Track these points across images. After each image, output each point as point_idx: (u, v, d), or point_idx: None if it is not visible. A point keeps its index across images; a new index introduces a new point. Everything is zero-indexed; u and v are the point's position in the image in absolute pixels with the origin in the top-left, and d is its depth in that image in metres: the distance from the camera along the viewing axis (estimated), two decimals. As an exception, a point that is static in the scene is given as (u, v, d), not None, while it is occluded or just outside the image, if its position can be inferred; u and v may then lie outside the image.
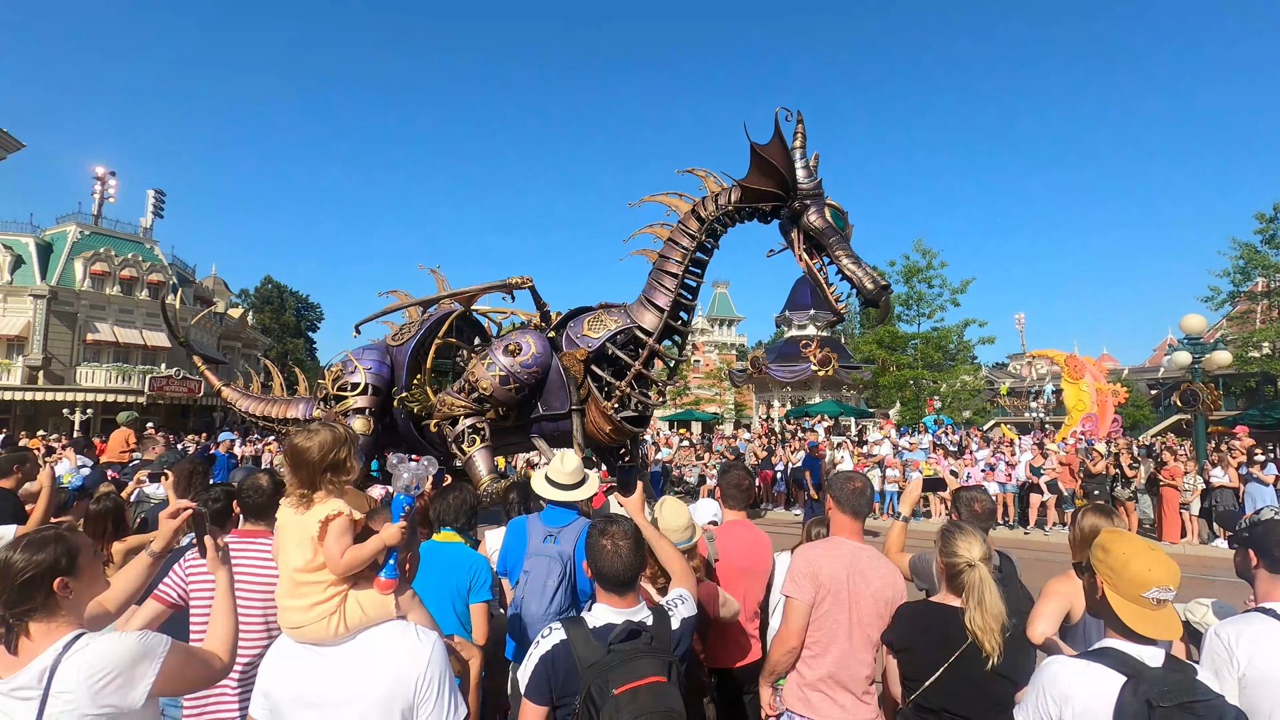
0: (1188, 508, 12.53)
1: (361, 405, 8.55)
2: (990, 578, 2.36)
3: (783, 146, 6.70)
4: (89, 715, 1.56)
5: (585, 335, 7.79)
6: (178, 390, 32.80)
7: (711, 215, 7.57)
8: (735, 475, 3.74)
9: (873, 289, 6.63)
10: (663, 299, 7.69)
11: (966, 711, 2.36)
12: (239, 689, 2.63)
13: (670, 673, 1.96)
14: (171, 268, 36.42)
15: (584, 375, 7.65)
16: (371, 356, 8.83)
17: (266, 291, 58.41)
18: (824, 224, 6.84)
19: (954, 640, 2.36)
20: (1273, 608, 2.22)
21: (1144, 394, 40.82)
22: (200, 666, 1.84)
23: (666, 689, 1.91)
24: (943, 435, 19.02)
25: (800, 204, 6.92)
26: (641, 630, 2.05)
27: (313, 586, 1.84)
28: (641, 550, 2.18)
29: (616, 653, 1.96)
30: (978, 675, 2.31)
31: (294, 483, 1.91)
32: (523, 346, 7.58)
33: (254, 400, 11.30)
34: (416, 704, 1.80)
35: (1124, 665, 1.86)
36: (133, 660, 1.62)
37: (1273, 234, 23.49)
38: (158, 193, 38.86)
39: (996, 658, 2.27)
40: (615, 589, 2.15)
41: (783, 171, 6.76)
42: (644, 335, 7.67)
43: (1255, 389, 30.49)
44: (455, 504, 3.49)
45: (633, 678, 1.90)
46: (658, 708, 1.85)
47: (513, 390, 7.53)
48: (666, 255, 7.75)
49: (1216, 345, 17.27)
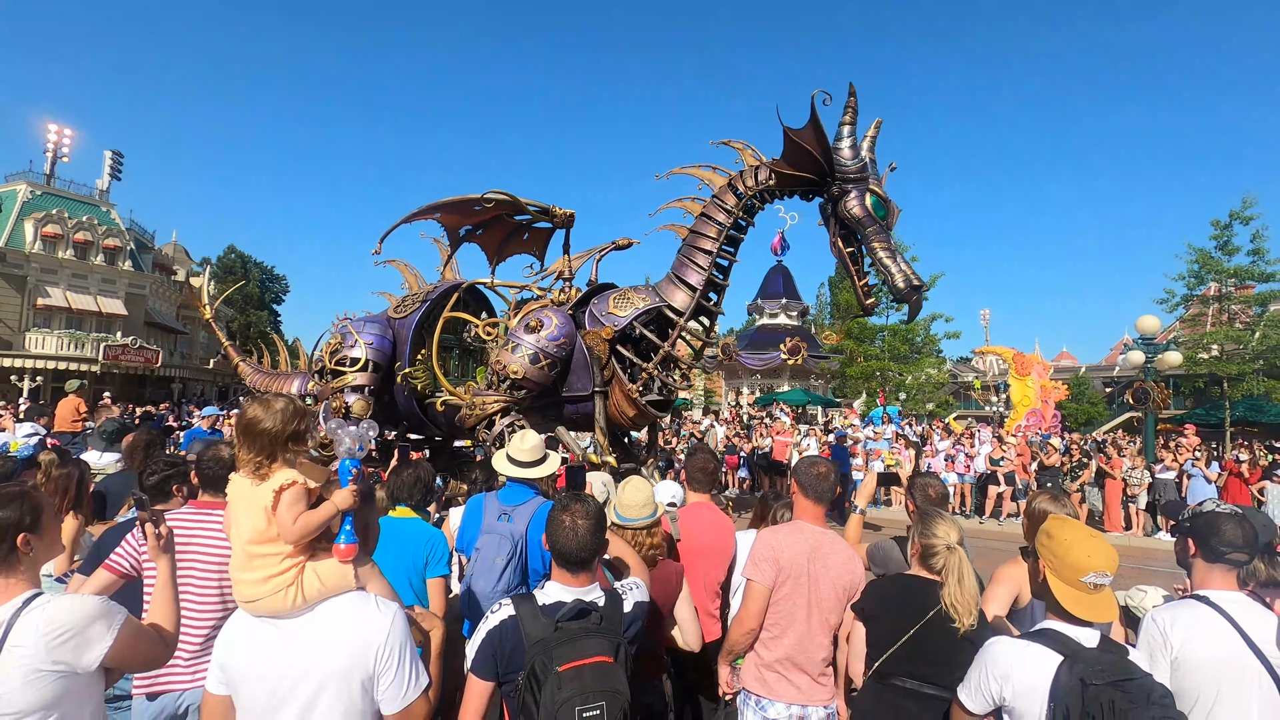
0: (1135, 501, 13.06)
1: (361, 383, 7.97)
2: (968, 561, 2.47)
3: (817, 131, 6.22)
4: (42, 670, 1.60)
5: (611, 313, 7.32)
6: (134, 359, 31.76)
7: (750, 191, 7.06)
8: (700, 459, 3.81)
9: (904, 287, 6.27)
10: (695, 277, 7.20)
11: (926, 675, 2.45)
12: (191, 661, 2.58)
13: (617, 654, 1.95)
14: (129, 233, 35.15)
15: (608, 355, 7.21)
16: (372, 330, 8.25)
17: (229, 261, 56.71)
18: (862, 212, 6.36)
19: (926, 607, 2.46)
20: (1207, 595, 2.32)
21: (1099, 391, 42.15)
22: (151, 643, 1.87)
23: (611, 669, 1.90)
24: (906, 426, 19.43)
25: (840, 188, 6.45)
26: (591, 610, 2.04)
27: (267, 559, 1.81)
28: (601, 533, 2.17)
29: (564, 631, 1.96)
30: (947, 641, 2.41)
31: (248, 454, 1.87)
32: (544, 321, 7.09)
33: (260, 375, 10.76)
34: (377, 674, 1.78)
35: (1061, 645, 1.95)
36: (90, 621, 1.66)
37: (1226, 240, 24.30)
38: (115, 154, 37.33)
39: (969, 630, 2.37)
40: (568, 566, 2.13)
41: (818, 157, 6.34)
42: (674, 315, 7.24)
43: (1203, 389, 31.66)
44: (409, 480, 3.48)
45: (577, 656, 1.89)
46: (600, 687, 1.85)
47: (545, 367, 7.05)
48: (700, 231, 7.24)
49: (1168, 346, 17.90)
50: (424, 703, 1.86)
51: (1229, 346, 25.01)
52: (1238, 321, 25.74)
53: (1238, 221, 23.92)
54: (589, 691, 1.83)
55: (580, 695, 1.83)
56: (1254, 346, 24.52)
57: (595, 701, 1.82)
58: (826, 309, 40.99)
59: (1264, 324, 24.65)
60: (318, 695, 1.75)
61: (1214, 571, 2.36)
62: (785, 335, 28.97)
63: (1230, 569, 2.34)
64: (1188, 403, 32.97)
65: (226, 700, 1.83)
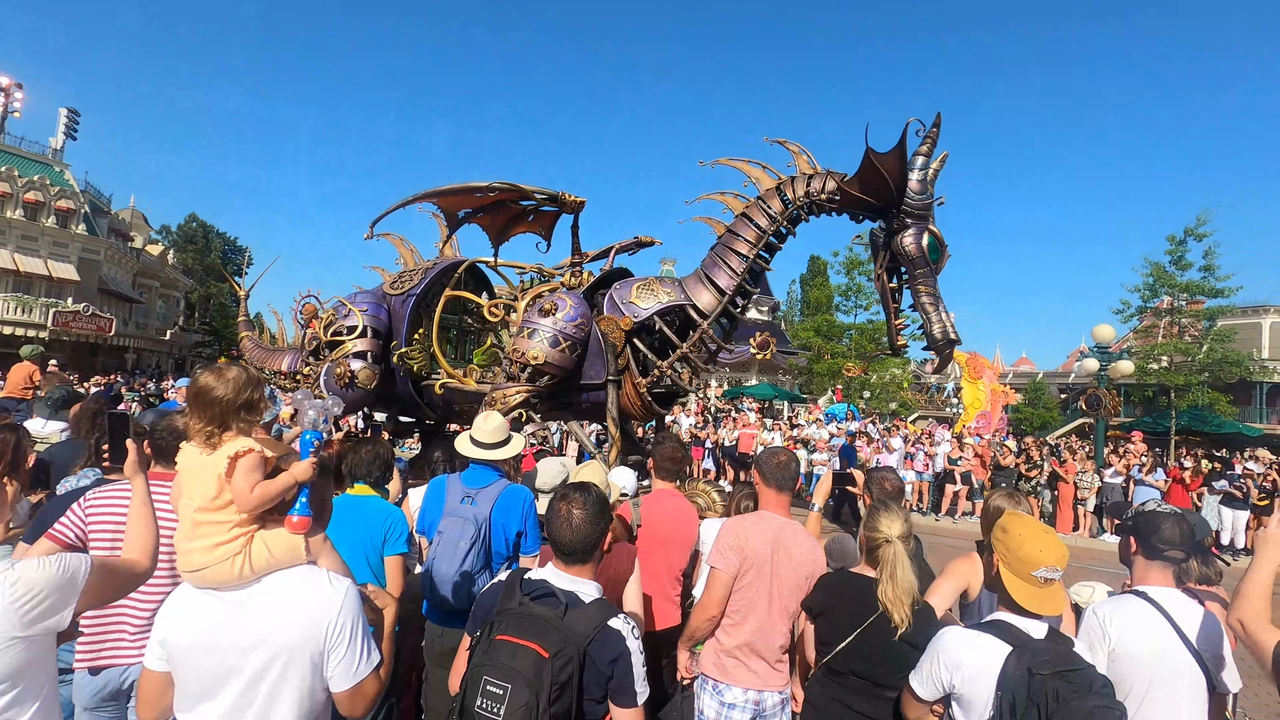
0: (1084, 503, 13.55)
1: (363, 349, 7.51)
2: (904, 554, 2.49)
3: (901, 161, 5.91)
4: (16, 638, 1.56)
5: (631, 303, 6.94)
6: (85, 327, 30.58)
7: (799, 200, 6.64)
8: (668, 448, 3.83)
9: (940, 339, 6.04)
10: (725, 279, 6.80)
11: (873, 675, 2.50)
12: (137, 636, 2.52)
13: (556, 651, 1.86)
14: (84, 195, 33.73)
15: (623, 345, 6.88)
16: (367, 300, 7.90)
17: (190, 230, 54.89)
18: (918, 252, 6.04)
19: (867, 608, 2.50)
20: (1145, 591, 2.42)
21: (1055, 396, 43.46)
22: (121, 577, 1.84)
23: (538, 661, 1.84)
24: (869, 425, 19.80)
25: (900, 221, 6.10)
26: (553, 595, 2.00)
27: (215, 526, 1.76)
28: (597, 526, 2.11)
29: (524, 607, 1.97)
30: (886, 642, 2.45)
31: (200, 423, 1.82)
32: (558, 304, 6.76)
33: (258, 351, 10.18)
34: (328, 650, 1.75)
35: (1010, 636, 2.02)
36: (57, 585, 1.62)
37: (1180, 255, 25.20)
38: (71, 112, 35.79)
39: (905, 627, 2.41)
40: (561, 556, 2.11)
41: (892, 187, 6.01)
42: (697, 316, 6.87)
43: (1152, 398, 32.83)
44: (368, 457, 3.42)
45: (515, 633, 1.90)
46: (517, 669, 1.83)
47: (566, 350, 6.70)
48: (737, 232, 6.81)
49: (1122, 355, 18.54)
50: (374, 680, 1.83)
51: (1178, 358, 26.00)
52: (1187, 334, 26.77)
53: (1192, 238, 24.81)
54: (505, 668, 1.84)
55: (496, 668, 1.85)
56: (1201, 359, 25.54)
57: (504, 681, 1.82)
58: (797, 305, 41.42)
59: (1211, 338, 25.69)
60: (266, 669, 1.71)
61: (1152, 568, 2.46)
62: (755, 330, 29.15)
63: (1167, 566, 2.45)
64: (1137, 411, 34.17)
65: (166, 677, 1.77)
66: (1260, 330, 37.31)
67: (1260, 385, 34.54)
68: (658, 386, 7.18)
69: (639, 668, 1.99)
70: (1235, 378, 26.63)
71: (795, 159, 6.87)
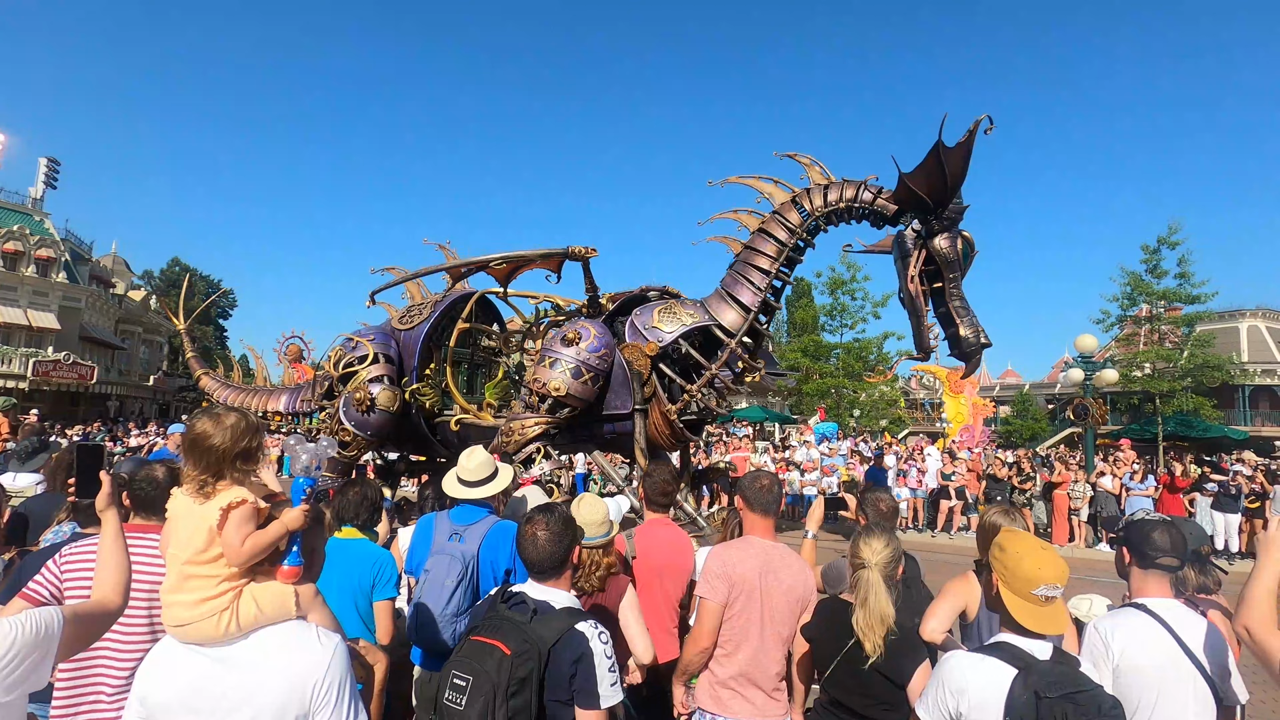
0: (1077, 514, 13.55)
1: (379, 373, 7.31)
2: (879, 581, 2.42)
3: (966, 158, 5.76)
4: None
5: (655, 327, 6.75)
6: (66, 376, 30.18)
7: (818, 211, 6.53)
8: (659, 479, 3.76)
9: (974, 341, 5.93)
10: (749, 296, 6.67)
11: (853, 704, 2.45)
12: (115, 697, 2.42)
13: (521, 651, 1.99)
14: (64, 243, 33.60)
15: (649, 372, 6.67)
16: (374, 334, 7.75)
17: (173, 274, 54.69)
18: (954, 255, 5.92)
19: (846, 635, 2.45)
20: (1144, 603, 2.40)
21: (1042, 408, 43.77)
22: (95, 620, 1.79)
23: (500, 658, 1.98)
24: (861, 443, 19.80)
25: (940, 222, 5.94)
26: (529, 604, 2.13)
27: (203, 580, 1.70)
28: (563, 543, 2.29)
29: (498, 612, 2.13)
30: (860, 671, 2.40)
31: (194, 470, 1.77)
32: (582, 333, 6.56)
33: (234, 391, 9.91)
34: (313, 710, 1.68)
35: (1015, 658, 1.98)
36: (34, 645, 1.56)
37: (1155, 264, 25.71)
38: (51, 161, 35.82)
39: (876, 657, 2.35)
40: (535, 575, 2.29)
41: (950, 182, 5.82)
42: (723, 335, 6.72)
43: (1137, 406, 33.21)
44: (356, 500, 3.37)
45: (485, 633, 2.07)
46: (480, 665, 1.97)
47: (589, 381, 6.47)
48: (757, 248, 6.67)
49: (1105, 364, 18.76)
50: None
51: (1160, 365, 26.35)
52: (1167, 341, 27.17)
53: (1165, 246, 25.33)
54: (469, 662, 2.00)
55: (463, 664, 2.02)
56: (1183, 365, 25.89)
57: (467, 674, 1.98)
58: (783, 326, 41.69)
59: (1191, 344, 26.07)
60: None
61: (1149, 579, 2.44)
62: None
63: (1164, 575, 2.43)
64: (1124, 419, 34.48)
65: None
66: (1239, 334, 37.98)
67: (1243, 388, 35.05)
68: (687, 412, 6.96)
69: (604, 672, 2.08)
70: (1218, 382, 27.03)
71: (808, 171, 6.79)
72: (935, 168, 5.78)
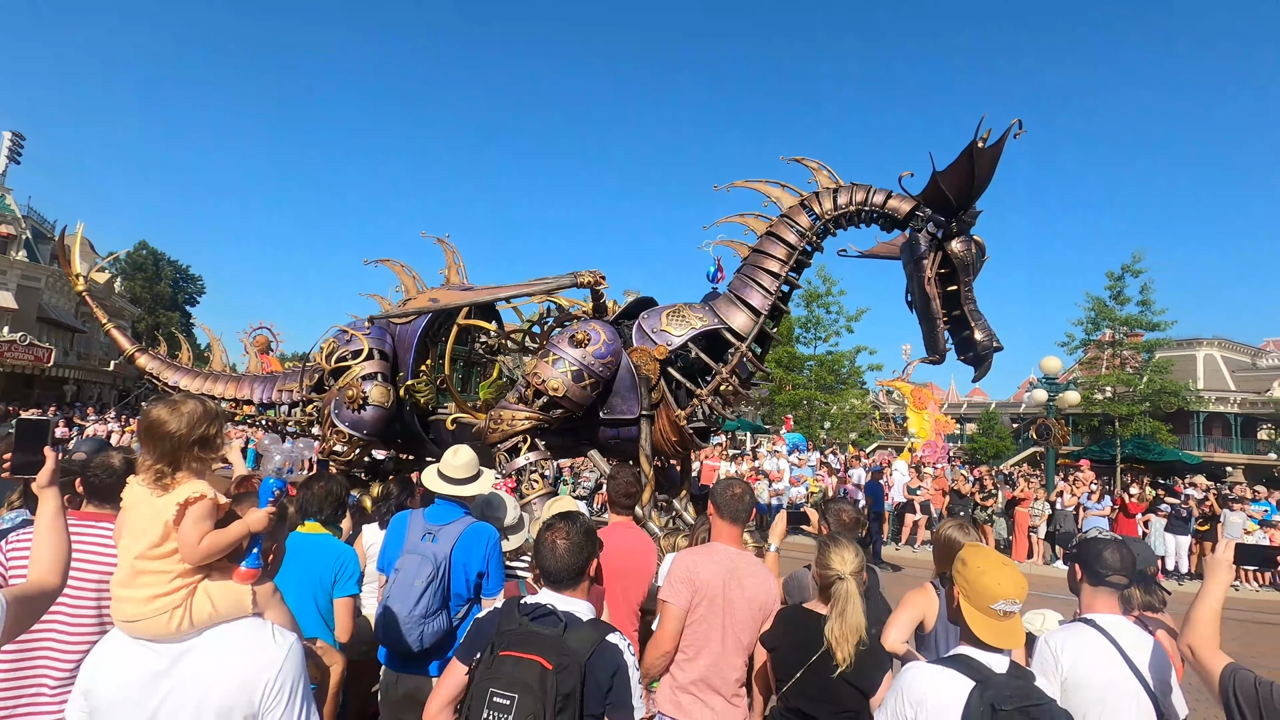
0: (1036, 531, 13.87)
1: (373, 370, 7.09)
2: (856, 593, 2.48)
3: (995, 161, 5.74)
4: None
5: (664, 331, 6.63)
6: (21, 357, 29.14)
7: (828, 214, 6.52)
8: (623, 482, 3.78)
9: (987, 344, 5.88)
10: (759, 299, 6.58)
11: (818, 713, 2.48)
12: (58, 690, 2.35)
13: (561, 666, 1.93)
14: (26, 220, 32.57)
15: (658, 376, 6.55)
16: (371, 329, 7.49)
17: (140, 258, 53.21)
18: (970, 258, 5.90)
19: (813, 645, 2.48)
20: (1093, 618, 2.47)
21: (1007, 426, 44.68)
22: (33, 601, 1.70)
23: (542, 673, 1.90)
24: (830, 455, 20.02)
25: (959, 224, 5.94)
26: (558, 617, 2.06)
27: (156, 576, 1.65)
28: (583, 553, 2.21)
29: (525, 626, 2.03)
30: (826, 680, 2.43)
31: (150, 459, 1.72)
32: (591, 336, 6.39)
33: (186, 374, 9.21)
34: (262, 711, 1.64)
35: (973, 671, 2.02)
36: None
37: (1119, 290, 26.48)
38: (15, 135, 34.70)
39: (846, 667, 2.39)
40: (550, 583, 2.20)
41: (978, 184, 5.80)
42: (733, 339, 6.64)
43: (1098, 427, 34.04)
44: (320, 494, 3.32)
45: (519, 649, 1.97)
46: (523, 681, 1.89)
47: (588, 387, 6.34)
48: (766, 251, 6.63)
49: (1069, 386, 19.24)
50: None
51: (1120, 389, 27.09)
52: (1128, 366, 27.97)
53: (1129, 274, 26.08)
54: (510, 681, 1.90)
55: (501, 680, 1.91)
56: (1141, 390, 26.66)
57: (510, 691, 1.89)
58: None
59: (1150, 370, 26.87)
60: None
61: (1099, 595, 2.52)
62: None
63: (1112, 592, 2.51)
64: (1084, 440, 35.33)
65: None
66: (1195, 362, 39.23)
67: (1197, 414, 36.16)
68: (694, 419, 6.84)
69: (635, 684, 2.06)
70: (1174, 407, 27.85)
71: (815, 175, 6.76)
72: (965, 169, 5.74)
